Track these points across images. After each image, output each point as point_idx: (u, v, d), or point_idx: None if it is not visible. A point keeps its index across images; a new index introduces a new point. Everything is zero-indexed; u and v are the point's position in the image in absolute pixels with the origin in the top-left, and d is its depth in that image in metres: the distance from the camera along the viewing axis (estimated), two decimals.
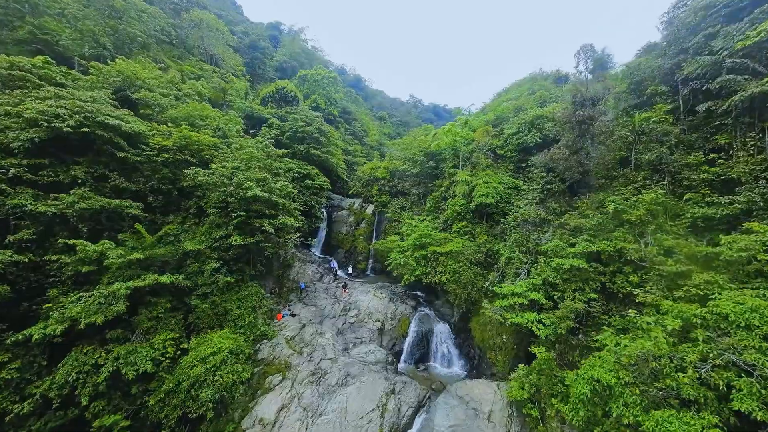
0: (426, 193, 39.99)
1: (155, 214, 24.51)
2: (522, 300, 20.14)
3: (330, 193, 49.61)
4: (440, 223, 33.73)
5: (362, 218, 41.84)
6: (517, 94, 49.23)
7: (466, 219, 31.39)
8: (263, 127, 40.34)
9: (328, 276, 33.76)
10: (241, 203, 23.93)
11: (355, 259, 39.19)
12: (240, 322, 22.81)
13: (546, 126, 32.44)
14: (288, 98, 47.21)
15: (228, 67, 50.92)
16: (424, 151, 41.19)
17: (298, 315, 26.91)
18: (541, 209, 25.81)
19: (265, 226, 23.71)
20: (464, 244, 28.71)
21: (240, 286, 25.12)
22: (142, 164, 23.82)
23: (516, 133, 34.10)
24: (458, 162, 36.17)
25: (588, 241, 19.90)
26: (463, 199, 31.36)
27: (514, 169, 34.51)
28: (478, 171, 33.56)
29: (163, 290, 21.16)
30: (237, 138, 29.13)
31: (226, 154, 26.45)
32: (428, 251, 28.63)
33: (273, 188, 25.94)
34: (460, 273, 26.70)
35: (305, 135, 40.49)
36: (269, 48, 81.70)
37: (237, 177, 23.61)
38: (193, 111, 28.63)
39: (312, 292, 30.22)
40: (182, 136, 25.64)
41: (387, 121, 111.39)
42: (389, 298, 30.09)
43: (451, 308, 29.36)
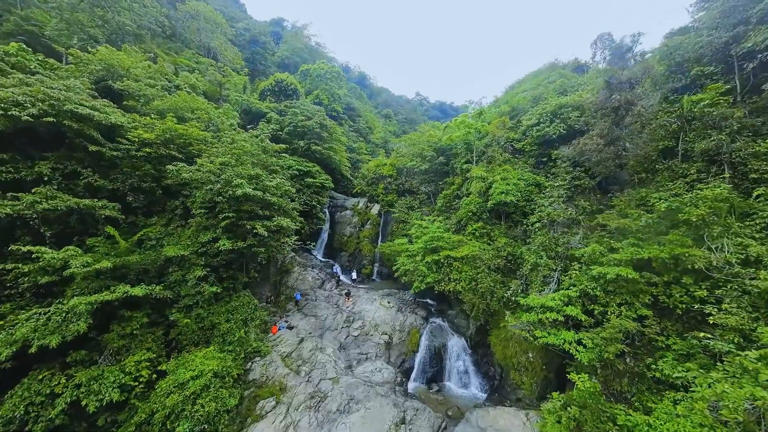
0: (436, 191, 36.97)
1: (136, 215, 21.98)
2: (555, 315, 17.06)
3: (333, 192, 46.88)
4: (453, 224, 30.70)
5: (367, 219, 39.02)
6: (533, 84, 45.92)
7: (483, 219, 28.32)
8: (261, 122, 37.81)
9: (330, 282, 30.97)
10: (231, 203, 21.27)
11: (360, 263, 36.38)
12: (229, 338, 20.13)
13: (571, 116, 29.17)
14: (288, 92, 44.63)
15: (226, 61, 48.63)
16: (433, 147, 38.16)
17: (296, 327, 24.16)
18: (571, 208, 22.64)
19: (257, 229, 21.01)
20: (481, 248, 25.67)
21: (231, 295, 22.49)
22: (120, 160, 21.31)
23: (536, 124, 30.91)
24: (472, 157, 33.10)
25: (635, 246, 16.72)
26: (478, 197, 28.30)
27: (534, 164, 31.34)
28: (495, 167, 30.45)
29: (141, 303, 18.58)
30: (230, 132, 26.56)
31: (216, 148, 23.82)
32: (441, 256, 25.65)
33: (267, 186, 23.24)
34: (478, 281, 23.67)
35: (306, 130, 37.84)
36: (270, 43, 79.51)
37: (225, 173, 20.94)
38: (181, 102, 26.12)
39: (312, 301, 27.45)
40: (167, 129, 23.09)
41: (392, 119, 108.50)
42: (397, 308, 27.18)
43: (467, 319, 26.31)
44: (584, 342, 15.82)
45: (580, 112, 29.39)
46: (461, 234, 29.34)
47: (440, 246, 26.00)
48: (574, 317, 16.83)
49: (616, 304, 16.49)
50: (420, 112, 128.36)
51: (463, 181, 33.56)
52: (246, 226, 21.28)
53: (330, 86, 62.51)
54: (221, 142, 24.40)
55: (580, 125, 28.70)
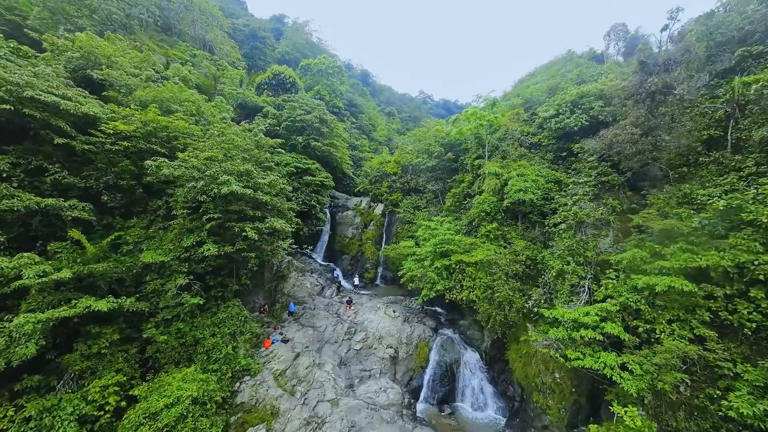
0: (444, 189, 34.46)
1: (113, 216, 19.74)
2: (592, 333, 14.50)
3: (334, 192, 44.54)
4: (463, 225, 28.18)
5: (370, 219, 36.60)
6: (547, 76, 43.20)
7: (497, 220, 25.77)
8: (257, 116, 35.57)
9: (330, 288, 28.58)
10: (217, 202, 18.95)
11: (362, 267, 33.97)
12: (214, 355, 17.80)
13: (594, 105, 26.52)
14: (286, 85, 42.31)
15: (223, 55, 46.53)
16: (440, 142, 35.69)
17: (292, 340, 21.79)
18: (601, 207, 20.04)
19: (247, 232, 18.66)
20: (497, 252, 23.14)
21: (219, 305, 20.18)
22: (95, 155, 19.08)
23: (554, 115, 28.29)
24: (483, 152, 30.54)
25: (688, 252, 14.10)
26: (493, 195, 25.75)
27: (552, 160, 28.72)
28: (510, 162, 27.88)
29: (113, 317, 16.31)
30: (220, 125, 24.29)
31: (203, 142, 21.52)
32: (452, 261, 23.16)
33: (259, 184, 20.90)
34: (494, 289, 21.15)
35: (304, 125, 35.53)
36: (270, 39, 77.40)
37: (211, 169, 18.62)
38: (167, 93, 23.87)
39: (310, 310, 25.07)
40: (149, 121, 20.84)
41: (396, 116, 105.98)
42: (403, 317, 24.71)
43: (480, 331, 23.79)
44: (630, 367, 13.25)
45: (605, 102, 26.79)
46: (473, 236, 26.83)
47: (451, 249, 23.51)
48: (614, 335, 14.26)
49: (665, 320, 13.92)
50: (424, 111, 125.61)
51: (474, 178, 31.03)
52: (234, 228, 18.94)
53: (331, 82, 60.23)
54: (209, 135, 22.08)
55: (604, 116, 26.08)
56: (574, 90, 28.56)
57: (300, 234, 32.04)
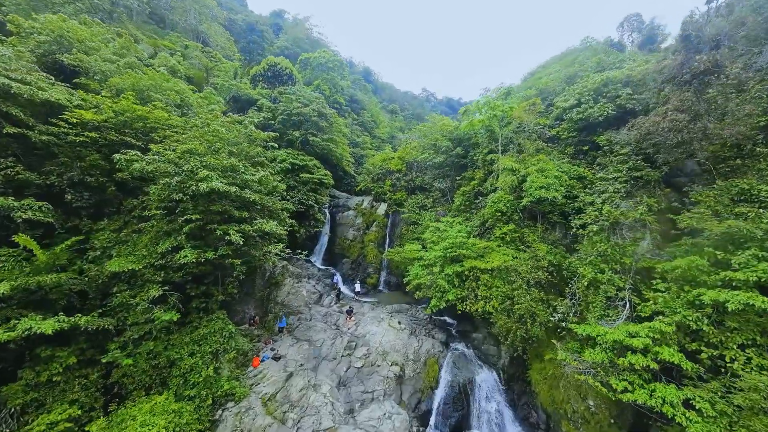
0: (452, 188, 31.86)
1: (80, 218, 17.33)
2: (642, 359, 11.91)
3: (334, 191, 42.05)
4: (475, 227, 25.59)
5: (372, 220, 34.08)
6: (561, 66, 40.45)
7: (514, 221, 23.17)
8: (250, 110, 33.15)
9: (329, 296, 26.07)
10: (197, 201, 16.50)
11: (364, 272, 31.46)
12: (193, 378, 15.34)
13: (621, 93, 23.88)
14: (282, 77, 39.78)
15: (216, 47, 44.24)
16: (448, 136, 33.09)
17: (284, 357, 19.31)
18: (640, 206, 17.40)
19: (230, 235, 16.20)
20: (515, 257, 20.56)
21: (201, 318, 17.74)
22: (58, 147, 16.69)
23: (575, 105, 25.67)
24: (496, 147, 27.92)
25: (766, 261, 11.47)
26: (509, 194, 23.15)
27: (573, 154, 26.09)
28: (527, 157, 25.28)
29: (72, 335, 13.91)
30: (206, 115, 21.86)
31: (185, 134, 19.08)
32: (464, 267, 20.59)
33: (247, 181, 18.44)
34: (514, 300, 18.59)
35: (302, 119, 33.08)
36: (269, 32, 75.06)
37: (189, 163, 16.17)
38: (146, 80, 21.48)
39: (306, 321, 22.58)
40: (124, 110, 18.44)
41: (399, 114, 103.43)
42: (410, 330, 22.18)
43: (497, 345, 21.20)
44: (697, 405, 10.64)
45: (633, 90, 24.13)
46: (486, 238, 24.25)
47: (463, 254, 20.94)
48: (672, 363, 11.66)
49: (735, 345, 11.30)
50: (427, 108, 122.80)
51: (486, 175, 28.43)
52: (217, 231, 16.47)
53: (332, 76, 57.74)
54: (191, 126, 19.65)
55: (633, 104, 23.48)
56: (597, 77, 25.88)
57: (296, 236, 29.61)
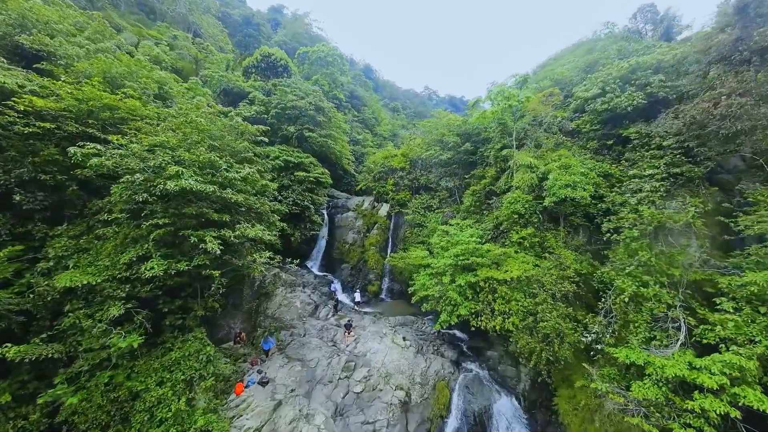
0: (460, 187, 29.32)
1: (34, 223, 14.91)
2: (716, 404, 9.36)
3: (333, 190, 39.60)
4: (488, 230, 23.06)
5: (374, 222, 31.58)
6: (574, 57, 37.82)
7: (532, 223, 20.62)
8: (241, 103, 30.74)
9: (326, 307, 23.57)
10: (166, 203, 14.05)
11: (365, 279, 28.96)
12: (160, 413, 12.89)
13: (652, 80, 21.30)
14: (276, 68, 37.21)
15: (209, 38, 41.90)
16: (455, 131, 30.56)
17: (273, 381, 16.82)
18: (690, 208, 14.84)
19: (207, 243, 13.72)
20: (535, 265, 18.05)
21: (176, 338, 15.31)
22: (6, 139, 14.29)
23: (600, 95, 23.07)
24: (510, 142, 25.35)
25: None
26: (527, 193, 20.60)
27: (596, 149, 23.52)
28: (546, 152, 22.75)
29: (14, 365, 11.51)
30: (186, 104, 19.44)
31: (159, 125, 16.63)
32: (479, 277, 18.06)
33: (230, 179, 15.97)
34: (538, 316, 16.05)
35: (297, 113, 30.61)
36: (266, 27, 72.71)
37: (157, 158, 13.72)
38: (119, 67, 19.05)
39: (299, 337, 20.09)
40: (87, 98, 16.01)
41: (401, 112, 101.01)
42: (416, 347, 19.67)
43: (515, 366, 18.65)
44: None
45: (666, 76, 21.54)
46: (500, 243, 21.73)
47: (477, 262, 18.39)
48: (759, 410, 9.10)
49: None
50: (429, 107, 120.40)
51: (499, 172, 25.87)
52: (191, 238, 14.00)
53: (331, 71, 55.24)
54: (165, 116, 17.20)
55: (666, 92, 20.91)
56: (623, 63, 23.25)
57: (291, 240, 27.16)
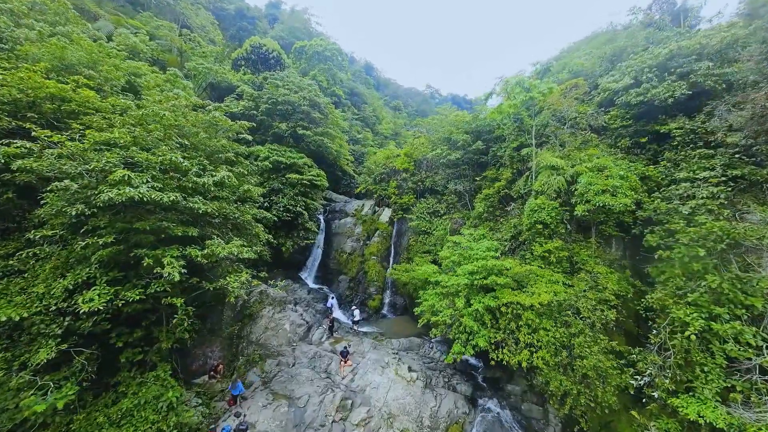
0: (471, 190, 26.42)
1: None
2: None
3: (330, 193, 36.80)
4: (504, 240, 20.18)
5: (374, 229, 28.75)
6: (591, 48, 34.87)
7: (559, 234, 17.71)
8: (228, 97, 27.91)
9: (320, 328, 20.71)
10: (113, 215, 11.23)
11: (364, 292, 26.11)
12: None
13: (697, 67, 18.36)
14: (268, 61, 34.27)
15: (198, 29, 39.17)
16: (464, 129, 27.69)
17: (253, 427, 13.97)
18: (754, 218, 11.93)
19: (165, 267, 10.88)
20: (566, 284, 15.19)
21: (133, 378, 12.51)
22: None
23: (634, 85, 20.16)
24: (527, 139, 22.44)
25: None
26: (552, 199, 17.69)
27: (628, 147, 20.62)
28: (572, 151, 19.87)
29: None
30: (153, 96, 16.63)
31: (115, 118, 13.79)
32: (500, 301, 15.17)
33: (199, 184, 13.12)
34: (574, 350, 13.17)
35: (290, 108, 27.77)
36: (263, 21, 69.93)
37: (99, 160, 10.90)
38: (75, 52, 16.24)
39: (287, 368, 17.22)
40: (26, 87, 13.22)
41: (402, 111, 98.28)
42: (423, 380, 16.81)
43: (541, 402, 15.74)
44: None
45: (714, 62, 18.59)
46: (520, 256, 18.86)
47: (497, 283, 15.47)
48: None
49: None
50: (432, 105, 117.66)
51: (515, 174, 22.99)
52: (146, 259, 11.16)
53: (329, 66, 52.43)
54: (122, 108, 14.37)
55: (712, 82, 17.99)
56: (660, 50, 20.27)
57: (282, 250, 24.32)
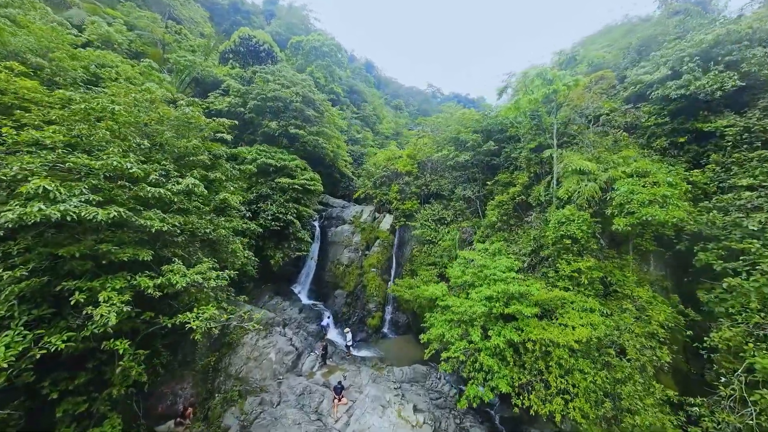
0: (481, 196, 23.81)
1: None
2: None
3: (328, 197, 34.24)
4: (523, 255, 17.58)
5: (374, 237, 26.17)
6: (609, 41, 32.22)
7: (591, 251, 15.10)
8: (212, 93, 25.31)
9: (311, 355, 18.09)
10: (32, 239, 8.68)
11: (363, 308, 23.52)
12: None
13: (750, 55, 15.75)
14: (259, 53, 31.54)
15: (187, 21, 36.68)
16: (473, 127, 25.10)
17: None
18: None
19: (100, 306, 8.32)
20: (603, 313, 12.61)
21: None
22: None
23: (672, 77, 17.54)
24: (547, 140, 19.82)
25: None
26: (582, 208, 15.07)
27: (664, 149, 18.00)
28: (603, 152, 17.27)
29: None
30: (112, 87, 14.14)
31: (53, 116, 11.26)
32: (524, 335, 12.57)
33: (154, 194, 10.56)
34: (621, 402, 10.56)
35: (281, 105, 25.16)
36: (259, 17, 67.41)
37: (15, 165, 8.35)
38: (21, 36, 13.69)
39: (270, 407, 14.62)
40: None
41: (403, 110, 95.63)
42: (432, 424, 14.20)
43: None
44: None
45: None
46: (542, 274, 16.28)
47: (522, 312, 12.86)
48: None
49: None
50: (433, 104, 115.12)
51: (532, 178, 20.39)
52: (76, 296, 8.61)
53: (327, 62, 49.82)
54: (63, 101, 11.82)
55: None
56: (703, 36, 17.61)
57: (270, 262, 21.78)
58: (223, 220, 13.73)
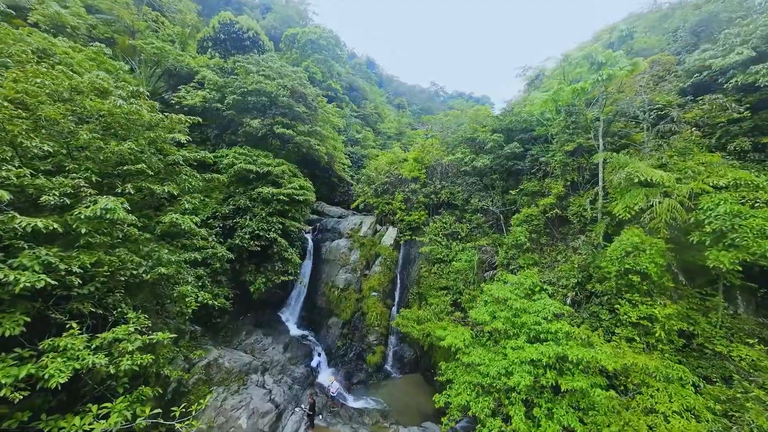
0: (504, 209, 19.94)
1: None
2: None
3: (323, 205, 30.59)
4: (564, 288, 13.75)
5: (375, 254, 22.40)
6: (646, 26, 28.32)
7: (664, 290, 11.27)
8: (184, 86, 21.54)
9: (296, 411, 14.29)
10: None
11: (362, 341, 19.75)
12: None
13: None
14: (242, 41, 27.50)
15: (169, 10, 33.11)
16: (492, 126, 21.32)
17: None
18: None
19: None
20: (695, 386, 8.80)
21: None
22: None
23: (754, 60, 13.65)
24: (589, 140, 15.96)
25: None
26: (654, 234, 11.22)
27: (741, 152, 14.14)
28: (670, 157, 13.43)
29: None
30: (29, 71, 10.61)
31: None
32: (588, 420, 8.77)
33: (28, 225, 6.83)
34: None
35: (266, 100, 21.31)
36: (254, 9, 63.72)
37: None
38: None
39: None
40: None
41: (406, 109, 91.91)
42: None
43: None
44: None
45: None
46: (589, 313, 12.50)
47: (583, 390, 9.04)
48: None
49: None
50: (437, 102, 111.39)
51: (569, 188, 16.56)
52: None
53: (325, 57, 46.14)
54: None
55: None
56: None
57: (250, 291, 18.05)
58: (167, 252, 10.04)
